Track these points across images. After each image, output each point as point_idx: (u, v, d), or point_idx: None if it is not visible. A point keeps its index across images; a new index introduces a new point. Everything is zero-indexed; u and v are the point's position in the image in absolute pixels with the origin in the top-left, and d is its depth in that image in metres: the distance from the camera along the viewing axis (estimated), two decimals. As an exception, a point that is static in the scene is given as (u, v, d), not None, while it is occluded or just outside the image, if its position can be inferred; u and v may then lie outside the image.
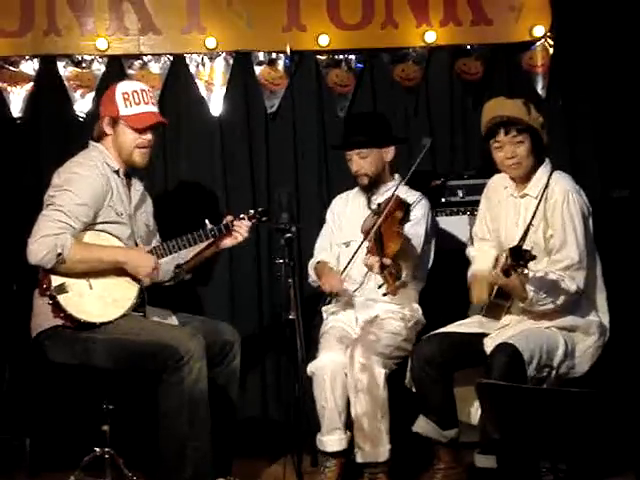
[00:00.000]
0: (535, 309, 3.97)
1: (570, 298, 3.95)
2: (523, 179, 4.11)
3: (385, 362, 4.23)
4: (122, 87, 4.11)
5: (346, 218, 4.64)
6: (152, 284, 4.13)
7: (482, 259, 4.19)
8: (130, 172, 4.17)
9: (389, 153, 4.53)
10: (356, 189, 4.66)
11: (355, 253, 4.40)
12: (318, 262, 4.66)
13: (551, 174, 4.07)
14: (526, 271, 3.69)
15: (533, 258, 3.67)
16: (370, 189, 4.55)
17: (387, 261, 3.90)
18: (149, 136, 4.09)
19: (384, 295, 3.94)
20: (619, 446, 2.72)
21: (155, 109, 4.14)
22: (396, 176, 4.60)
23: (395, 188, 4.32)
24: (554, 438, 2.77)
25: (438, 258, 4.57)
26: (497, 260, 3.91)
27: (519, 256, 3.67)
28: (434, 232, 4.57)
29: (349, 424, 4.26)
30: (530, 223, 3.94)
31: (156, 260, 4.01)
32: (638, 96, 5.12)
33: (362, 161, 4.50)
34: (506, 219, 4.16)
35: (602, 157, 5.22)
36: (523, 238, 3.85)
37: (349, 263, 4.46)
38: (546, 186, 4.03)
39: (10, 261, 4.68)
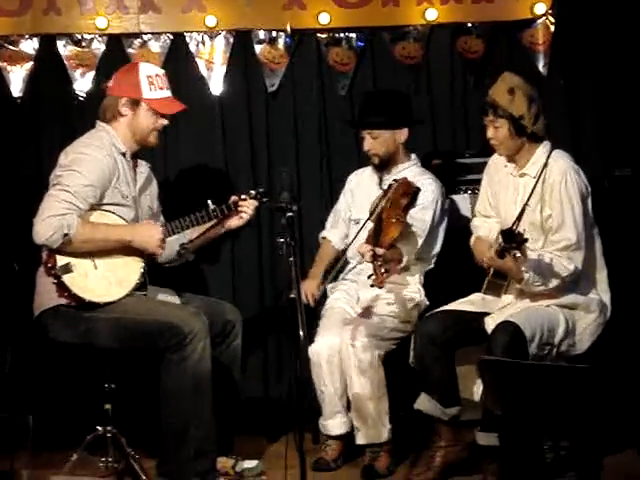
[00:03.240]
0: (532, 290, 3.98)
1: (567, 279, 3.96)
2: (521, 159, 4.11)
3: (379, 343, 4.24)
4: (145, 70, 4.11)
5: (358, 195, 4.63)
6: (156, 265, 4.13)
7: (485, 228, 4.21)
8: (137, 154, 4.16)
9: (402, 134, 4.49)
10: (371, 167, 4.62)
11: (358, 233, 4.40)
12: (323, 238, 4.68)
13: (550, 154, 4.07)
14: (518, 253, 3.70)
15: (525, 241, 3.68)
16: (382, 169, 4.52)
17: (380, 251, 3.89)
18: (166, 121, 4.12)
19: (371, 286, 3.93)
20: (620, 423, 2.73)
21: (171, 95, 4.17)
22: (412, 156, 4.57)
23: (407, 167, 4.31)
24: (556, 415, 2.78)
25: (440, 237, 4.57)
26: (497, 239, 3.92)
27: (510, 238, 3.68)
28: (443, 216, 4.52)
29: (350, 405, 4.28)
30: (526, 203, 3.95)
31: (162, 230, 4.01)
32: (640, 73, 5.12)
33: (374, 141, 4.47)
34: (505, 197, 4.17)
35: (604, 135, 5.21)
36: (519, 218, 3.85)
37: (351, 243, 4.47)
38: (545, 166, 4.04)
39: (11, 240, 4.69)
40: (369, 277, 3.91)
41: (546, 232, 4.03)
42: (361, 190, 4.62)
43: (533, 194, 4.00)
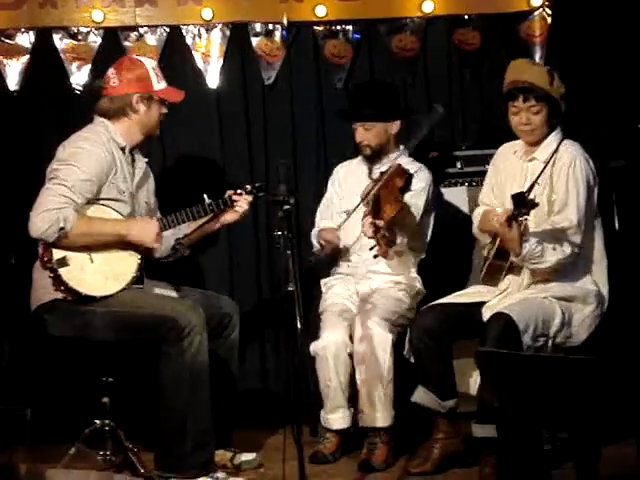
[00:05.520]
0: (527, 266, 3.97)
1: (563, 260, 3.96)
2: (534, 144, 4.11)
3: (391, 327, 4.26)
4: (149, 63, 4.15)
5: (348, 187, 4.63)
6: (152, 259, 4.13)
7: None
8: (135, 148, 4.16)
9: (395, 126, 4.51)
10: (359, 158, 4.64)
11: (349, 215, 4.40)
12: (321, 229, 4.66)
13: (561, 141, 4.07)
14: (529, 218, 3.69)
15: (535, 205, 3.68)
16: (373, 160, 4.54)
17: (380, 223, 3.90)
18: (166, 109, 4.17)
19: (375, 257, 3.94)
20: (619, 414, 2.74)
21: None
22: (401, 147, 4.59)
23: (400, 159, 4.31)
24: (554, 406, 2.78)
25: (436, 229, 4.58)
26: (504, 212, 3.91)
27: (521, 202, 3.68)
28: (434, 204, 4.55)
29: (353, 397, 4.30)
30: (536, 181, 3.92)
31: (158, 225, 4.01)
32: (636, 66, 5.11)
33: (366, 133, 4.49)
34: (512, 183, 4.14)
35: (599, 127, 5.21)
36: (529, 190, 3.84)
37: (344, 221, 4.47)
38: (555, 151, 4.03)
39: (9, 234, 4.69)
40: (371, 249, 3.92)
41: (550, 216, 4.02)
42: (350, 181, 4.63)
43: (542, 175, 3.97)
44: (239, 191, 4.22)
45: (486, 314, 3.99)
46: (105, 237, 3.96)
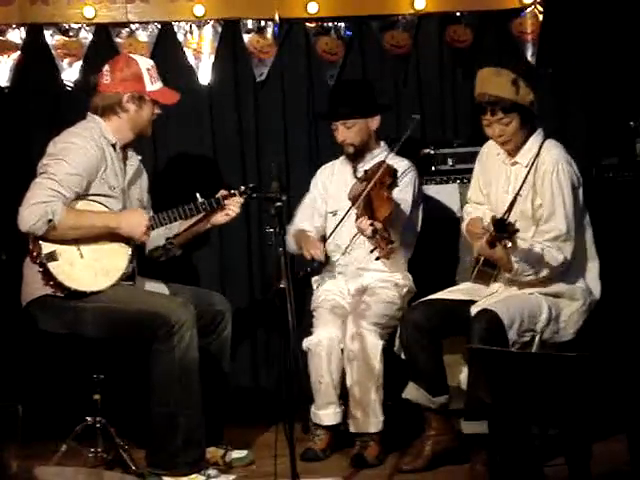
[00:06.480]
0: (521, 279, 3.99)
1: (556, 269, 3.98)
2: (514, 150, 4.11)
3: (381, 333, 4.25)
4: (144, 63, 4.13)
5: (332, 187, 4.63)
6: (145, 257, 4.13)
7: (478, 212, 4.21)
8: (128, 145, 4.15)
9: (375, 122, 4.52)
10: (342, 158, 4.65)
11: (342, 220, 4.40)
12: (298, 230, 4.65)
13: (542, 143, 4.07)
14: (509, 244, 3.71)
15: (516, 231, 3.70)
16: (356, 158, 4.54)
17: (379, 225, 3.92)
18: (159, 109, 4.15)
19: (377, 259, 3.95)
20: (610, 409, 2.74)
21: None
22: (382, 143, 4.59)
23: (385, 156, 4.32)
24: (545, 402, 2.79)
25: (427, 226, 4.58)
26: (488, 227, 3.92)
27: (502, 228, 3.70)
28: (421, 198, 4.57)
29: (343, 395, 4.29)
30: (518, 193, 3.94)
31: (147, 217, 4.00)
32: (628, 62, 5.12)
33: (348, 131, 4.48)
34: (497, 186, 4.17)
35: (592, 124, 5.22)
36: (510, 208, 3.86)
37: (335, 229, 4.46)
38: (537, 155, 4.03)
39: (-1, 230, 4.69)
40: (372, 251, 3.92)
41: (536, 221, 4.03)
42: (335, 182, 4.62)
43: (525, 183, 3.99)
44: (232, 191, 4.22)
45: (474, 312, 4.00)
46: (95, 229, 3.95)
